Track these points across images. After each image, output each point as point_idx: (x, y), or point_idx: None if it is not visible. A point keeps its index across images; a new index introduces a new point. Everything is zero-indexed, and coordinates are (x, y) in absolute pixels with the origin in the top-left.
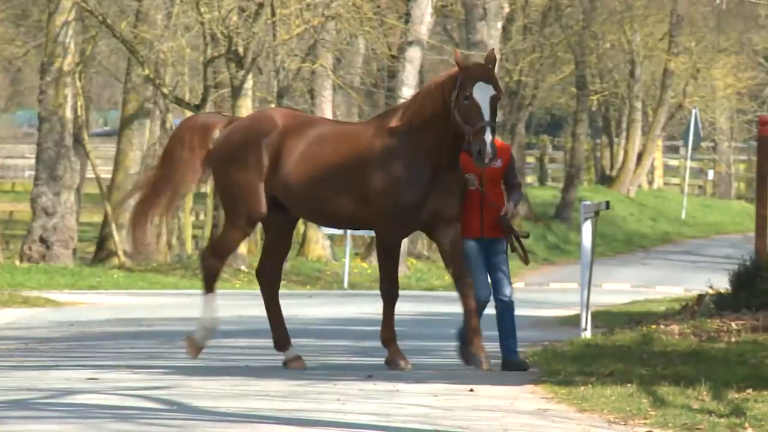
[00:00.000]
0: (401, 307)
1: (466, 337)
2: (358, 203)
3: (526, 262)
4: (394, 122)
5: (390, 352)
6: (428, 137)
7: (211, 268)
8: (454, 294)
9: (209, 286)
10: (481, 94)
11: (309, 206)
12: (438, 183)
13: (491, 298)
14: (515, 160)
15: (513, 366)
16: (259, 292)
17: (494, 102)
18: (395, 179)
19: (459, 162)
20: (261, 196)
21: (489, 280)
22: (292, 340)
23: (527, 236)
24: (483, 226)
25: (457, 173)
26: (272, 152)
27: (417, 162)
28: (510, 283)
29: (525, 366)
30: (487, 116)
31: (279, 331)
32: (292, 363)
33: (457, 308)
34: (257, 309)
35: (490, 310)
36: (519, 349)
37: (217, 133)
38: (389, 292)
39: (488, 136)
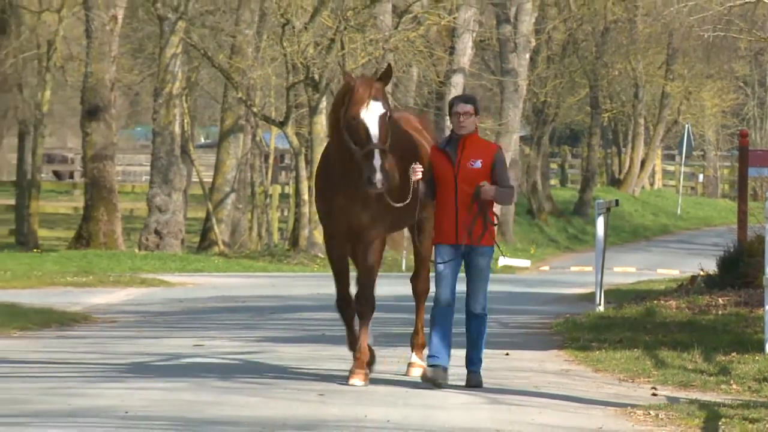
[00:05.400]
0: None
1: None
2: None
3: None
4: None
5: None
6: (335, 152)
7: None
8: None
9: None
10: (369, 113)
11: None
12: (351, 197)
13: (454, 303)
14: (503, 161)
15: (469, 382)
16: (329, 273)
17: (382, 121)
18: (316, 191)
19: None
20: None
21: (455, 286)
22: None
23: (493, 224)
24: (458, 231)
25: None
26: None
27: (331, 175)
28: (483, 298)
29: (476, 383)
30: (375, 138)
31: None
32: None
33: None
34: (331, 288)
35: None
36: (544, 320)
37: None
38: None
39: (377, 161)
